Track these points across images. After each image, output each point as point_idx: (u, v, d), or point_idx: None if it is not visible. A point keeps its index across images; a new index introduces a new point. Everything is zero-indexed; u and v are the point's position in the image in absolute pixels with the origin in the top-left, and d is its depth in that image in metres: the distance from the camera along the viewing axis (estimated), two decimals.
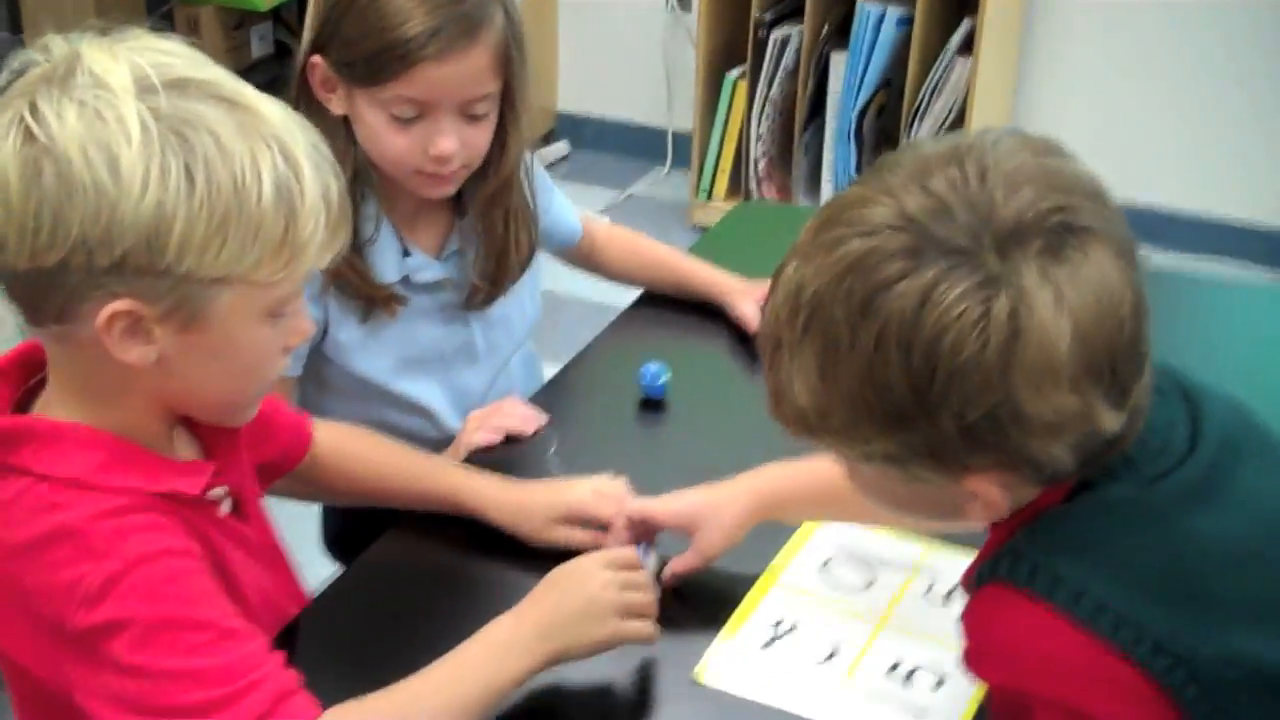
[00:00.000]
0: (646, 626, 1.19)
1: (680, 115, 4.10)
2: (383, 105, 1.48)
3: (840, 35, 3.67)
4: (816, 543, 1.38)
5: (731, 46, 3.81)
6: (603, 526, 1.36)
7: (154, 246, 0.96)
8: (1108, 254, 0.87)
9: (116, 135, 0.96)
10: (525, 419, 1.58)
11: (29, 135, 0.96)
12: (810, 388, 0.91)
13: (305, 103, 1.51)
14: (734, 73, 3.82)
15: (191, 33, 4.06)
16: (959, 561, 1.01)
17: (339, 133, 1.50)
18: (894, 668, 1.23)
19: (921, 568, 1.35)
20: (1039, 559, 0.93)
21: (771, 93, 3.74)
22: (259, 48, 4.48)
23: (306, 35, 1.52)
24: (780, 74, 3.73)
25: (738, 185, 3.89)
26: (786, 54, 3.70)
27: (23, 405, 1.10)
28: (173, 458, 1.11)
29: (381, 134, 1.49)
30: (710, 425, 1.63)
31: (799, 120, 3.73)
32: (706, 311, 1.81)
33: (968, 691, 1.18)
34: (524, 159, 1.62)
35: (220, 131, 0.98)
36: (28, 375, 1.10)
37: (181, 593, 1.02)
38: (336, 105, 1.51)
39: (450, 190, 1.57)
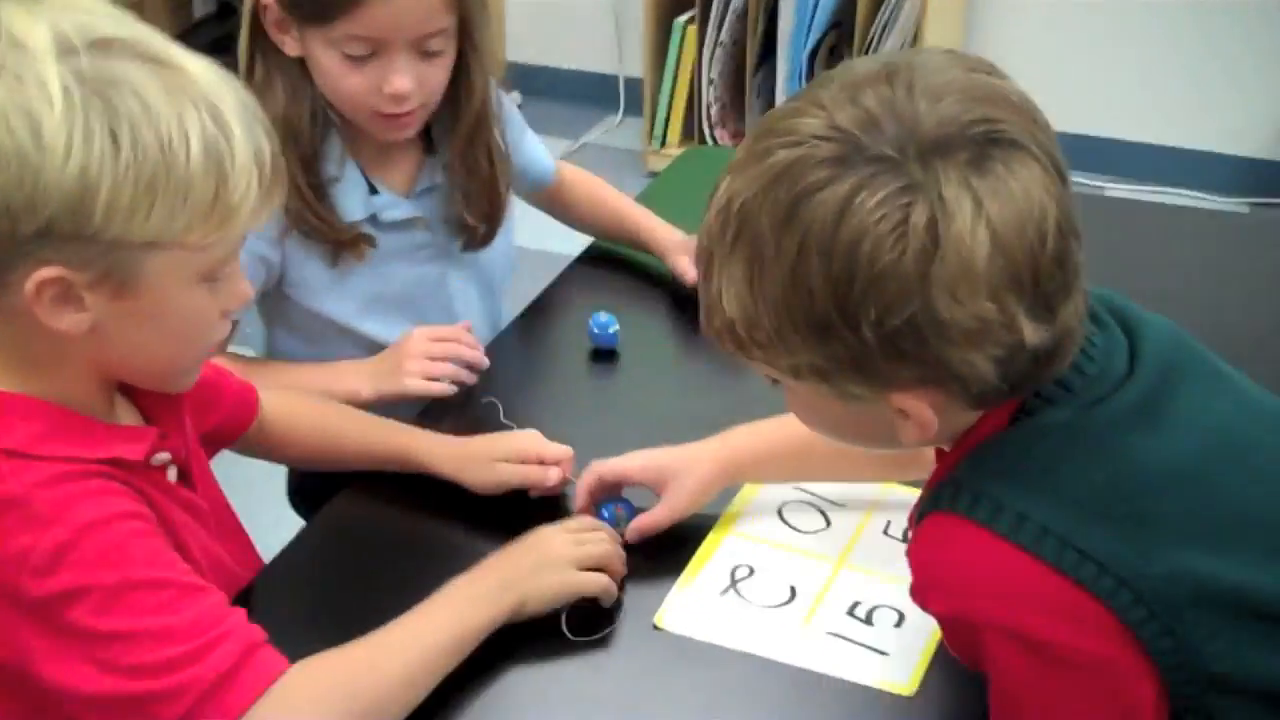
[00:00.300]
0: (603, 578, 1.20)
1: (631, 62, 4.07)
2: (335, 44, 1.44)
3: None
4: (771, 488, 1.37)
5: None
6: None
7: (80, 212, 0.94)
8: (1034, 169, 0.87)
9: (37, 99, 0.93)
10: (470, 350, 1.54)
11: None
12: (739, 298, 0.91)
13: (259, 45, 1.49)
14: (683, 17, 3.79)
15: None
16: (914, 500, 1.01)
17: (295, 75, 1.48)
18: (854, 607, 1.23)
19: (877, 508, 1.35)
20: (980, 487, 0.93)
21: (721, 36, 3.72)
22: (201, 7, 4.42)
23: None
24: (729, 17, 3.70)
25: (691, 130, 3.87)
26: None
27: None
28: (114, 425, 1.10)
29: (336, 75, 1.46)
30: (662, 375, 1.62)
31: (750, 63, 3.72)
32: (657, 262, 1.80)
33: (928, 629, 1.18)
34: (492, 96, 1.59)
35: (146, 93, 0.96)
36: None
37: (136, 554, 1.01)
38: (291, 47, 1.48)
39: (410, 131, 1.54)
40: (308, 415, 1.42)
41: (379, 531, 1.36)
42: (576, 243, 1.91)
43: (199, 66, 1.01)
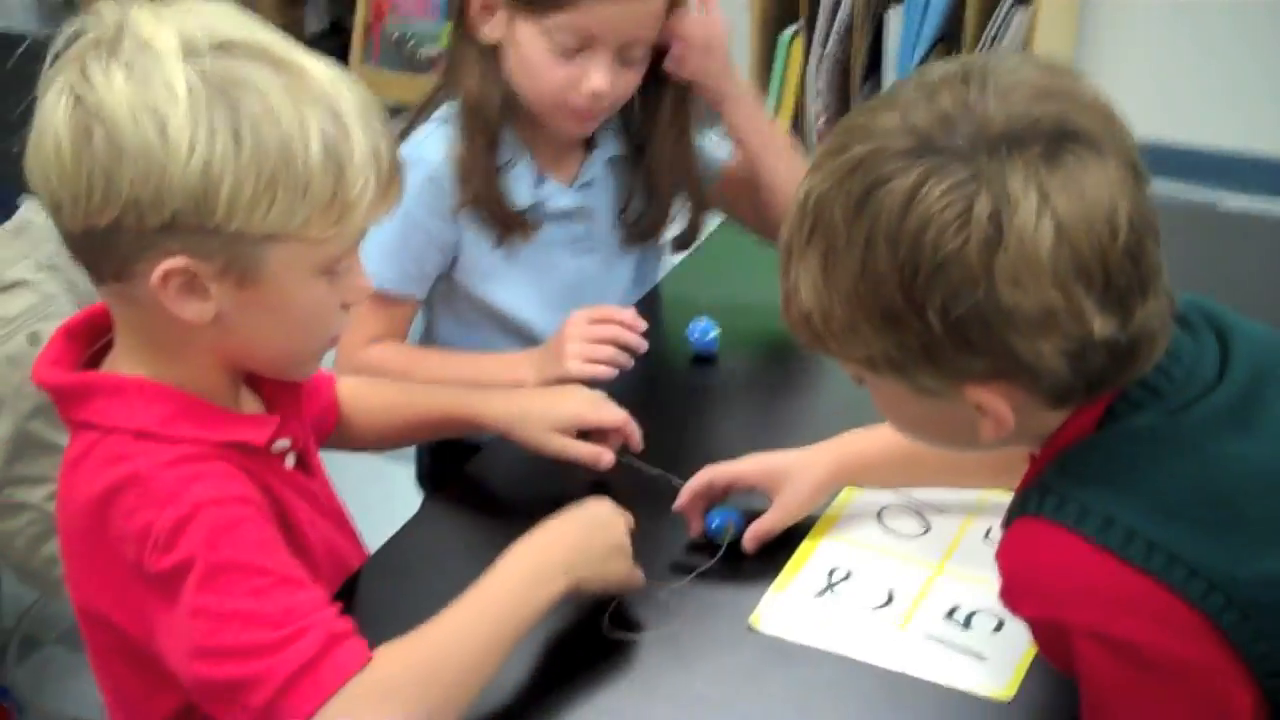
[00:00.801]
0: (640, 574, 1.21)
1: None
2: (545, 34, 1.49)
3: None
4: (871, 492, 1.36)
5: (784, 4, 3.78)
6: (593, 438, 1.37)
7: (203, 206, 0.98)
8: (1106, 164, 0.88)
9: (163, 98, 0.97)
10: (628, 332, 1.54)
11: (79, 100, 0.99)
12: (813, 290, 0.93)
13: (459, 30, 1.55)
14: (789, 31, 3.79)
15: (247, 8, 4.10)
16: None
17: (488, 61, 1.54)
18: (952, 612, 1.22)
19: (978, 513, 1.33)
20: (1067, 490, 0.93)
21: (828, 49, 3.71)
22: (314, 23, 4.51)
23: None
24: (835, 30, 3.69)
25: (797, 143, 3.86)
26: (841, 9, 3.66)
27: (92, 366, 1.12)
28: (238, 412, 1.13)
29: (537, 64, 1.51)
30: (761, 381, 1.63)
31: (856, 76, 3.70)
32: (755, 267, 1.80)
33: (1028, 635, 1.16)
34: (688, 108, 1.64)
35: (267, 92, 1.00)
36: (96, 337, 1.12)
37: (243, 538, 1.04)
38: (491, 30, 1.53)
39: (589, 130, 1.61)
40: (374, 395, 1.44)
41: (487, 520, 1.39)
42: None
43: (319, 68, 1.04)
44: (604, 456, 1.36)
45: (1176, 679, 0.91)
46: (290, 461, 1.19)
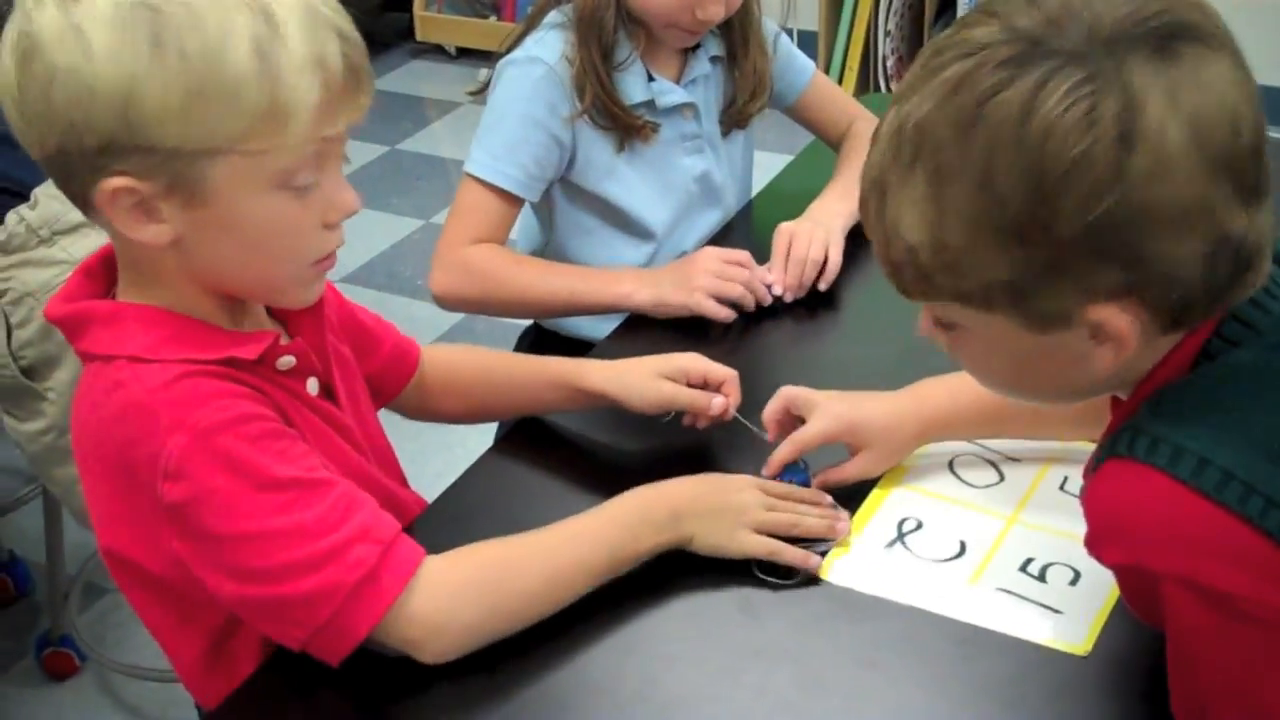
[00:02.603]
0: (772, 544, 1.18)
1: (806, 16, 4.01)
2: None
3: None
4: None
5: None
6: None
7: (132, 122, 0.96)
8: (1223, 61, 0.85)
9: (88, 17, 0.95)
10: (757, 281, 1.58)
11: (22, 31, 0.98)
12: (923, 219, 0.89)
13: None
14: None
15: None
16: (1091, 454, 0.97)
17: None
18: (1026, 564, 1.19)
19: (1054, 462, 1.30)
20: (1159, 431, 0.89)
21: None
22: None
23: None
24: None
25: (867, 84, 3.80)
26: None
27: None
28: (235, 331, 1.09)
29: None
30: (828, 325, 1.60)
31: (930, 13, 3.63)
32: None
33: (1105, 587, 1.13)
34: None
35: (191, 0, 0.96)
36: (116, 273, 1.10)
37: (257, 456, 1.02)
38: None
39: (697, 40, 1.68)
40: (466, 362, 1.41)
41: (552, 470, 1.37)
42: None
43: None
44: (716, 400, 1.32)
45: (1268, 630, 0.87)
46: (312, 387, 1.14)
